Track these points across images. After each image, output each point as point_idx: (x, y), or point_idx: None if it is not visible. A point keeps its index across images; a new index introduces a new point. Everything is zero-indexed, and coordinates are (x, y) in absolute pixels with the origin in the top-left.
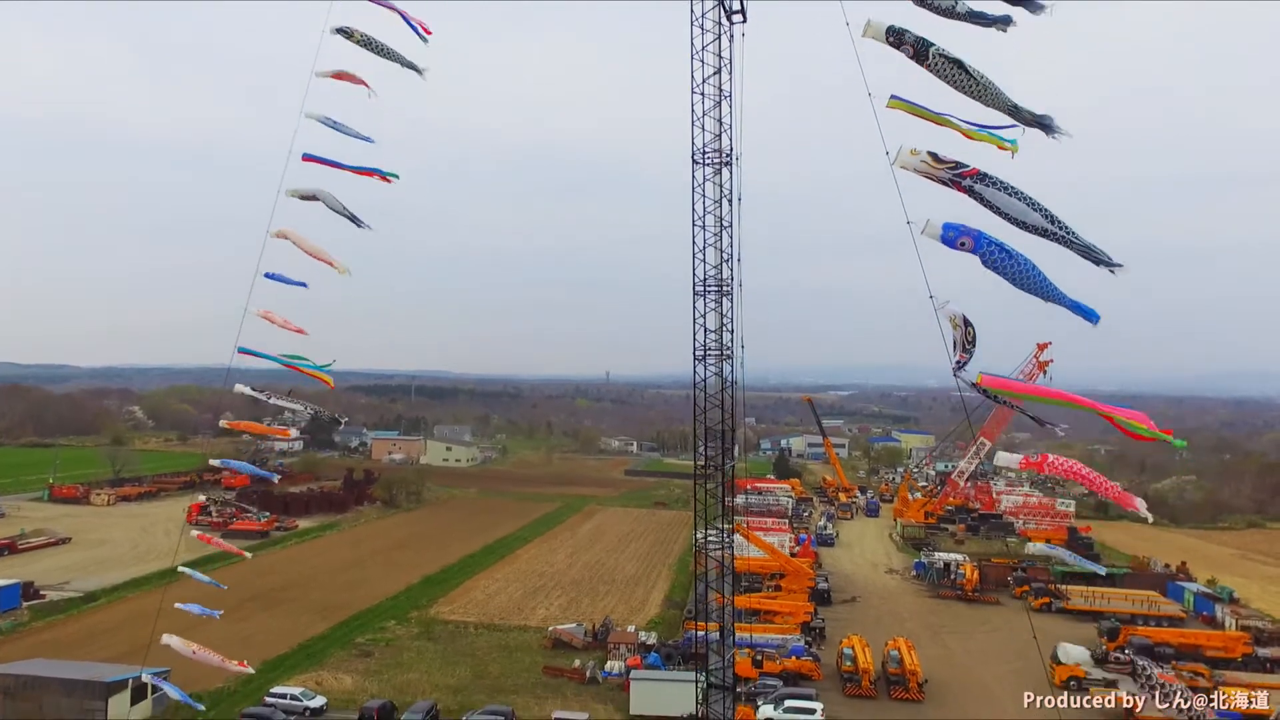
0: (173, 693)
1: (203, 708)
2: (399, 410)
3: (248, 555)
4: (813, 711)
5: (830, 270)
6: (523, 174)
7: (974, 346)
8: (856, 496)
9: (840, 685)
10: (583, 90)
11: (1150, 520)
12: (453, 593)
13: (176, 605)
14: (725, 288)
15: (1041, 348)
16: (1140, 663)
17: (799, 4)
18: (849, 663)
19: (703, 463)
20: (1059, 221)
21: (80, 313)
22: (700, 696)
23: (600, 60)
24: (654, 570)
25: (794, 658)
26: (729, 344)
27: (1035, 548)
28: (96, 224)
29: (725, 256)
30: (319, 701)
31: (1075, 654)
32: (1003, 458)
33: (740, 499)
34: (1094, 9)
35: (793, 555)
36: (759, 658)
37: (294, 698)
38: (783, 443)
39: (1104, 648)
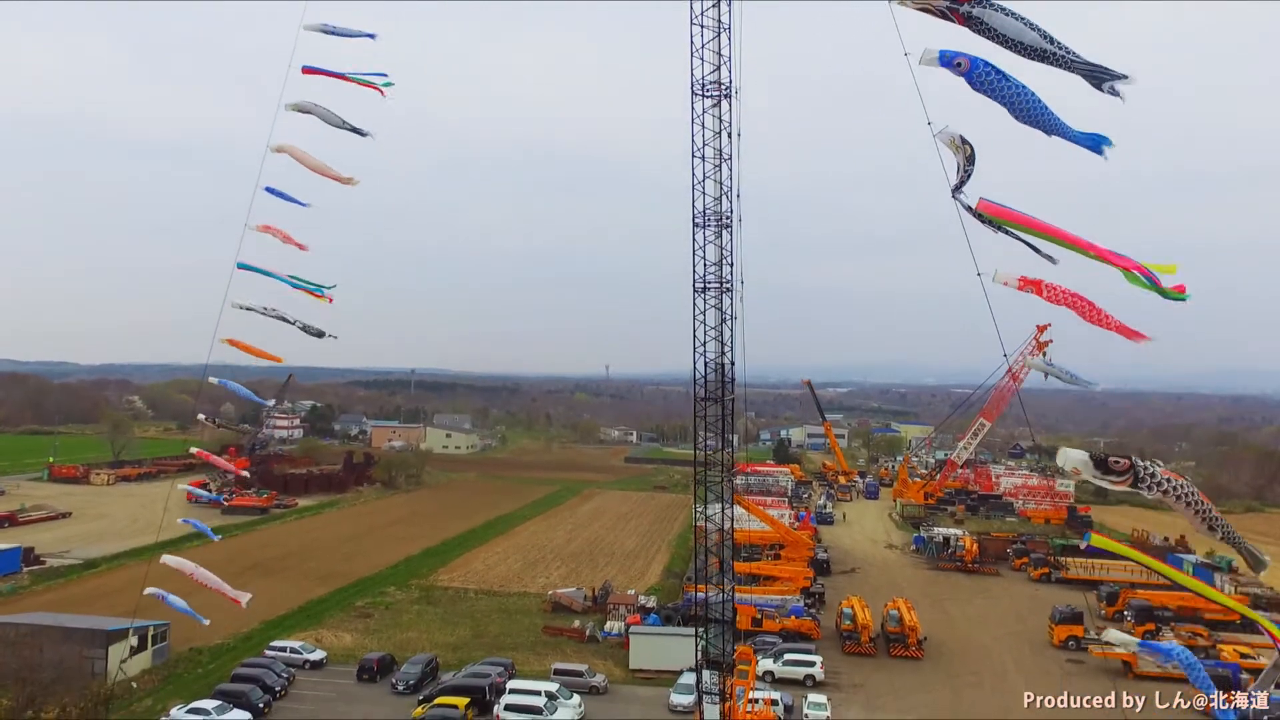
0: (177, 605)
1: (207, 622)
2: (398, 402)
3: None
4: (812, 664)
5: (829, 270)
6: (522, 172)
7: (972, 165)
8: (856, 480)
9: (840, 644)
10: (583, 89)
11: (1151, 340)
12: (452, 563)
13: (180, 520)
14: (725, 220)
15: (1041, 329)
16: (1141, 464)
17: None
18: (848, 621)
19: (703, 395)
20: (1057, 42)
21: (80, 310)
22: (699, 653)
23: (601, 60)
24: (653, 545)
25: (793, 617)
26: (728, 277)
27: (1035, 362)
28: (95, 222)
29: (724, 190)
30: (319, 654)
31: (1074, 457)
32: (1000, 274)
33: (740, 480)
34: (1094, 9)
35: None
36: (759, 616)
37: (294, 650)
38: (782, 433)
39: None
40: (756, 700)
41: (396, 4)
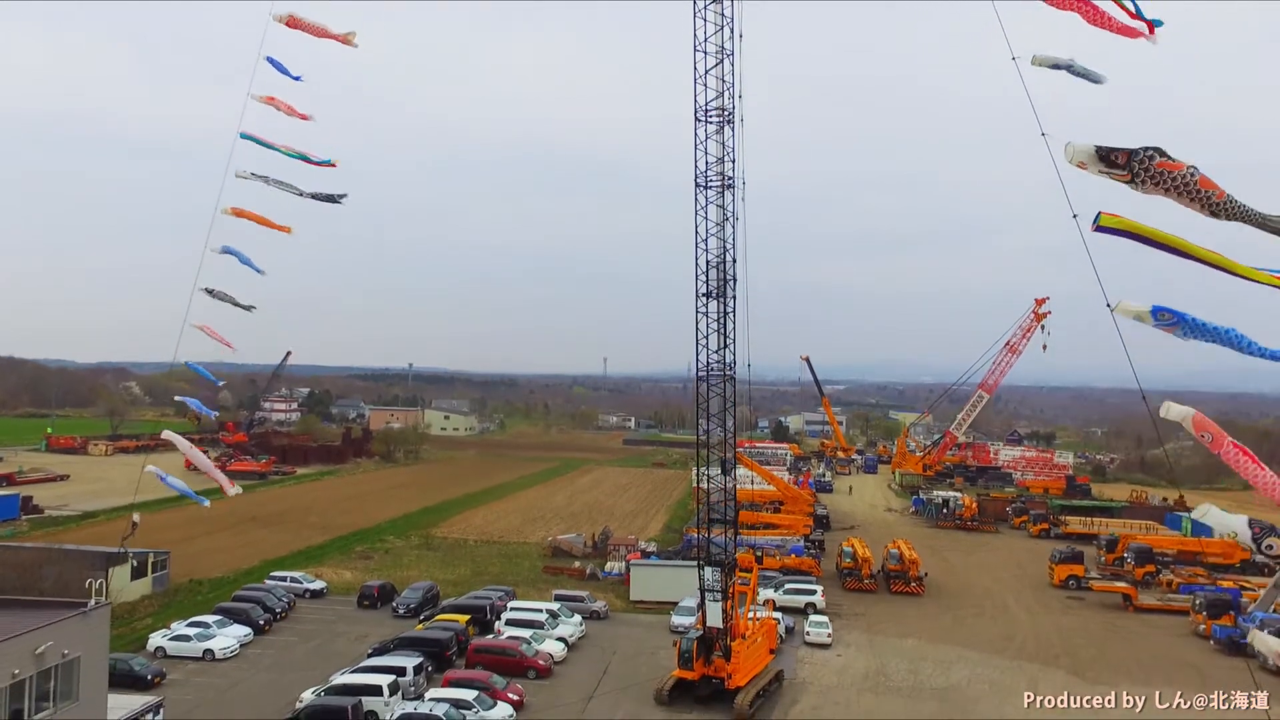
0: (175, 485)
1: (206, 503)
2: (396, 392)
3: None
4: (813, 593)
5: (827, 269)
6: (520, 171)
7: None
8: (854, 456)
9: (840, 582)
10: (582, 88)
11: (1154, 39)
12: (452, 519)
13: (177, 398)
14: (726, 116)
15: (1040, 302)
16: (1137, 154)
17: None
18: (849, 559)
19: (704, 291)
20: None
21: (77, 310)
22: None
23: (600, 59)
24: (653, 508)
25: (794, 555)
26: (730, 174)
27: (1045, 56)
28: (94, 221)
29: (726, 86)
30: (319, 584)
31: (1080, 150)
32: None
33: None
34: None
35: None
36: (759, 554)
37: (295, 579)
38: (781, 420)
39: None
40: (757, 617)
41: (397, 4)
